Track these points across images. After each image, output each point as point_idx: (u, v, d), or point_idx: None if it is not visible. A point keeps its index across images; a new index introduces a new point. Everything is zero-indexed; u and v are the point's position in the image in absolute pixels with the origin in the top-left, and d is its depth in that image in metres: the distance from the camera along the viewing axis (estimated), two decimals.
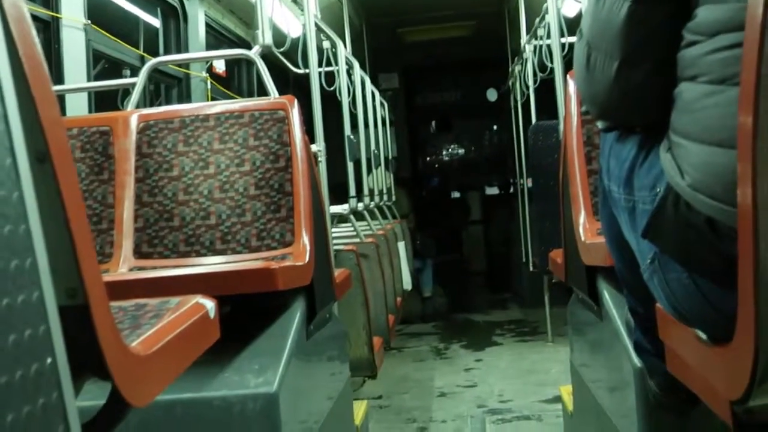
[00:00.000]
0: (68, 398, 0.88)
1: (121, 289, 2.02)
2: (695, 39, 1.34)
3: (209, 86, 5.63)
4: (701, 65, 1.32)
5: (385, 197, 7.55)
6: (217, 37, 6.19)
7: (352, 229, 5.07)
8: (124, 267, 2.69)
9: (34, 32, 0.96)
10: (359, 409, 3.45)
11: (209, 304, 1.48)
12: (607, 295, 2.37)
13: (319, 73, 4.00)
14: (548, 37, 5.30)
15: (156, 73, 4.55)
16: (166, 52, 5.34)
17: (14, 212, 0.84)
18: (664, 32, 1.41)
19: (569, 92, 2.91)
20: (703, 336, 1.37)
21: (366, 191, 6.00)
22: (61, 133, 0.99)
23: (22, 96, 0.89)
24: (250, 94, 6.83)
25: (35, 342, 0.83)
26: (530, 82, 6.57)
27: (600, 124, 1.70)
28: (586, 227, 2.54)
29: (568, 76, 3.01)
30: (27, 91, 0.91)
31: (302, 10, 4.13)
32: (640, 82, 1.46)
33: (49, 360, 0.85)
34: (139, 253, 2.76)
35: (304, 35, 4.02)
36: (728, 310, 1.18)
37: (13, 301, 0.80)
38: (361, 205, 5.56)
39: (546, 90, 6.08)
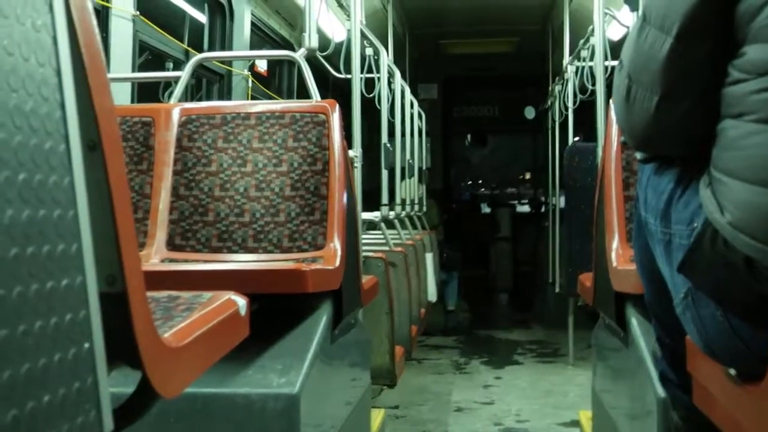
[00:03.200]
0: (102, 384, 0.89)
1: (154, 280, 2.03)
2: (742, 77, 1.33)
3: (250, 84, 5.66)
4: (748, 103, 1.31)
5: (416, 207, 7.55)
6: (260, 36, 6.23)
7: (382, 236, 5.07)
8: (156, 258, 2.72)
9: (94, 21, 0.98)
10: (376, 417, 3.45)
11: (241, 302, 1.49)
12: (635, 322, 2.36)
13: (360, 79, 4.01)
14: (591, 59, 5.29)
15: (199, 68, 4.59)
16: (210, 48, 5.38)
17: (64, 198, 0.85)
18: (705, 69, 1.40)
19: (611, 116, 2.90)
20: (733, 372, 1.36)
21: (398, 200, 6.01)
22: (112, 123, 1.01)
23: (79, 85, 0.91)
24: (290, 95, 6.86)
25: (75, 326, 0.85)
26: (570, 103, 6.55)
27: (638, 155, 1.70)
28: (618, 253, 2.53)
29: (610, 100, 3.00)
30: (84, 80, 0.93)
31: (348, 16, 4.15)
32: (680, 117, 1.45)
33: (86, 345, 0.86)
34: (172, 245, 2.78)
35: (349, 41, 4.03)
36: (761, 349, 1.18)
37: (57, 285, 0.82)
38: (392, 214, 5.56)
39: (584, 112, 6.06)
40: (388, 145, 5.05)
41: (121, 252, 0.98)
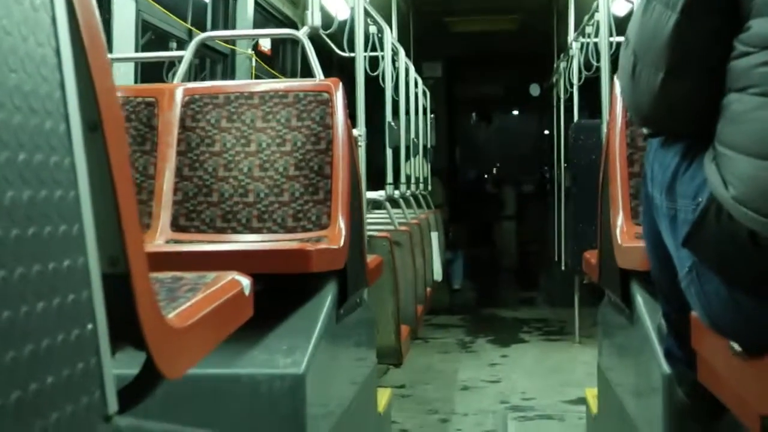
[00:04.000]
0: (106, 365, 0.89)
1: (158, 261, 2.03)
2: (747, 50, 1.33)
3: (254, 63, 5.65)
4: (753, 77, 1.31)
5: (421, 186, 7.54)
6: (263, 15, 6.21)
7: (386, 215, 5.07)
8: (160, 239, 2.72)
9: (94, 1, 0.97)
10: (383, 396, 3.45)
11: (245, 282, 1.49)
12: (640, 299, 2.35)
13: (364, 57, 3.99)
14: (596, 35, 5.26)
15: (202, 48, 4.57)
16: (214, 27, 5.37)
17: (65, 178, 0.85)
18: (710, 44, 1.39)
19: (615, 93, 2.88)
20: (737, 347, 1.36)
21: (403, 179, 6.00)
22: (113, 103, 1.00)
23: (79, 65, 0.90)
24: (294, 74, 6.85)
25: (78, 307, 0.84)
26: (575, 80, 6.53)
27: (645, 130, 1.69)
28: (623, 230, 2.52)
29: (615, 76, 2.98)
30: (84, 60, 0.92)
31: None
32: (685, 93, 1.45)
33: (89, 326, 0.86)
34: (176, 226, 2.78)
35: (352, 19, 4.02)
36: (764, 323, 1.17)
37: (59, 266, 0.82)
38: (397, 193, 5.56)
39: (590, 88, 6.04)
40: (393, 123, 5.03)
41: (123, 233, 0.98)
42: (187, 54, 3.31)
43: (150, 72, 4.35)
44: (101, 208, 0.94)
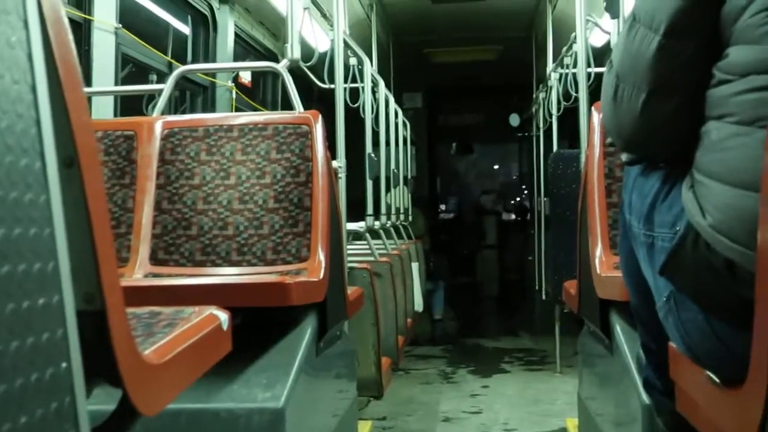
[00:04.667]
0: (80, 403, 0.88)
1: (136, 295, 2.03)
2: (725, 78, 1.34)
3: (234, 96, 5.66)
4: (731, 105, 1.32)
5: (402, 217, 7.55)
6: (243, 47, 6.23)
7: (367, 246, 5.07)
8: (139, 272, 2.70)
9: (70, 36, 0.97)
10: (363, 429, 3.44)
11: (222, 316, 1.49)
12: (619, 329, 2.36)
13: (344, 89, 4.01)
14: (574, 66, 5.31)
15: (182, 80, 4.58)
16: (194, 59, 5.37)
17: (40, 216, 0.84)
18: (692, 68, 1.41)
19: (593, 123, 2.91)
20: (715, 378, 1.36)
21: (383, 210, 6.00)
22: (89, 139, 1.00)
23: (54, 100, 0.90)
24: (274, 105, 6.85)
25: (52, 346, 0.84)
26: (554, 110, 6.57)
27: (624, 157, 1.70)
28: (602, 260, 2.53)
29: (593, 107, 3.01)
30: (60, 96, 0.92)
31: (331, 26, 4.15)
32: (666, 115, 1.46)
33: (64, 364, 0.86)
34: (155, 260, 2.77)
35: (332, 51, 4.03)
36: (742, 352, 1.18)
37: (34, 304, 0.81)
38: (377, 224, 5.56)
39: (568, 119, 6.08)
40: (373, 155, 5.04)
41: (99, 269, 0.97)
42: (167, 87, 3.31)
43: (130, 105, 4.35)
44: (77, 244, 0.94)
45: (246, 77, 6.24)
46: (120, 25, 3.93)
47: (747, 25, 1.30)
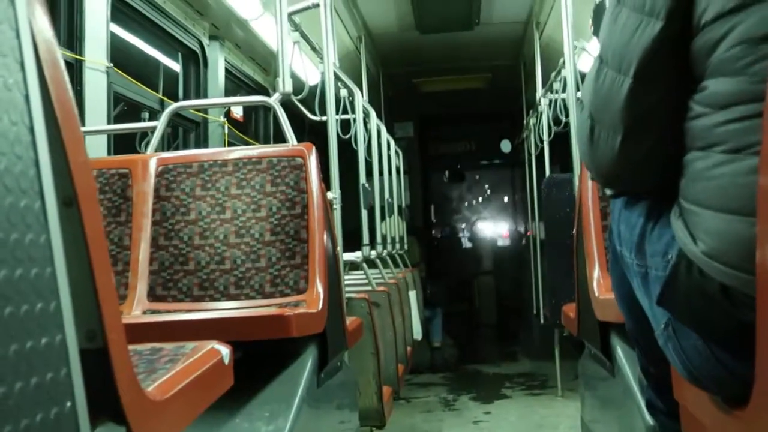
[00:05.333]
0: None
1: (136, 332, 2.02)
2: (705, 111, 1.34)
3: (226, 130, 5.68)
4: (716, 135, 1.32)
5: (398, 245, 7.55)
6: (234, 82, 6.26)
7: (364, 276, 5.06)
8: (138, 309, 2.70)
9: (66, 77, 0.98)
10: None
11: (224, 351, 1.48)
12: (620, 351, 2.36)
13: (336, 120, 4.03)
14: (564, 91, 5.34)
15: (175, 117, 4.59)
16: (186, 95, 5.40)
17: (41, 255, 0.85)
18: (666, 106, 1.41)
19: None
20: (720, 400, 1.36)
21: (379, 239, 6.01)
22: (88, 178, 1.01)
23: (52, 141, 0.91)
24: (267, 139, 6.88)
25: (56, 385, 0.84)
26: (545, 135, 6.60)
27: (607, 191, 1.71)
28: (600, 282, 2.54)
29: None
30: (58, 136, 0.93)
31: (321, 59, 4.18)
32: (645, 153, 1.47)
33: (68, 403, 0.86)
34: (153, 296, 2.77)
35: (323, 83, 4.05)
36: (745, 374, 1.18)
37: (37, 344, 0.81)
38: (373, 253, 5.56)
39: (560, 143, 6.11)
40: (366, 185, 5.06)
41: (100, 307, 0.98)
42: (160, 124, 3.32)
43: (123, 143, 4.36)
44: (78, 283, 0.94)
45: (238, 112, 6.26)
46: (111, 64, 3.95)
47: (724, 59, 1.31)
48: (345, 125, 5.48)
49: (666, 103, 1.41)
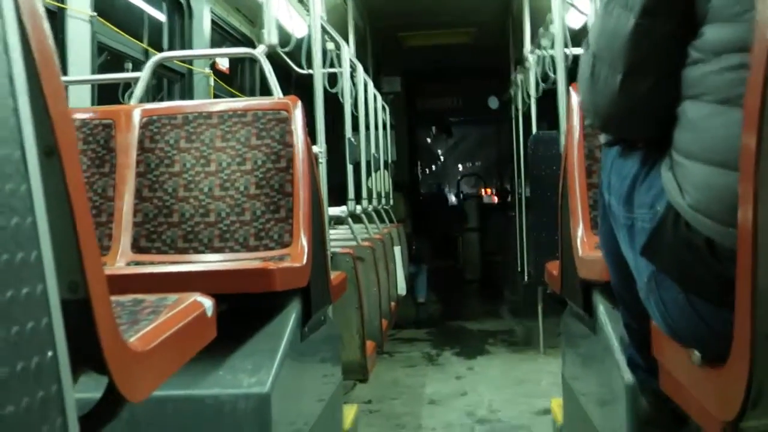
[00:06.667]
0: (67, 392, 0.88)
1: (119, 284, 2.02)
2: (701, 57, 1.34)
3: (212, 83, 5.63)
4: (706, 84, 1.32)
5: (383, 201, 7.55)
6: (221, 34, 6.20)
7: (349, 231, 5.07)
8: (121, 261, 2.70)
9: (47, 26, 0.97)
10: (349, 413, 3.45)
11: (207, 303, 1.48)
12: (602, 309, 2.38)
13: (323, 74, 4.00)
14: (552, 47, 5.32)
15: (159, 68, 4.55)
16: (170, 47, 5.34)
17: (21, 205, 0.84)
18: (668, 47, 1.41)
19: (572, 104, 2.91)
20: (698, 356, 1.37)
21: (365, 194, 6.01)
22: (68, 128, 1.00)
23: (33, 90, 0.90)
24: (253, 92, 6.83)
25: (37, 335, 0.84)
26: (532, 92, 6.58)
27: (603, 138, 1.71)
28: (583, 241, 2.55)
29: (571, 87, 3.02)
30: (38, 86, 0.92)
31: (308, 11, 4.14)
32: (644, 95, 1.46)
33: (49, 353, 0.86)
34: (137, 248, 2.76)
35: (309, 36, 4.02)
36: (724, 330, 1.19)
37: (18, 294, 0.81)
38: (359, 208, 5.56)
39: (548, 100, 6.10)
40: (353, 139, 5.04)
41: (82, 258, 0.97)
42: (144, 75, 3.29)
43: (107, 94, 4.32)
44: (59, 233, 0.93)
45: (224, 64, 6.21)
46: (95, 14, 3.90)
47: (722, 4, 1.31)
48: (332, 79, 5.45)
49: (668, 45, 1.41)
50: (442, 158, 14.56)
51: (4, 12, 0.86)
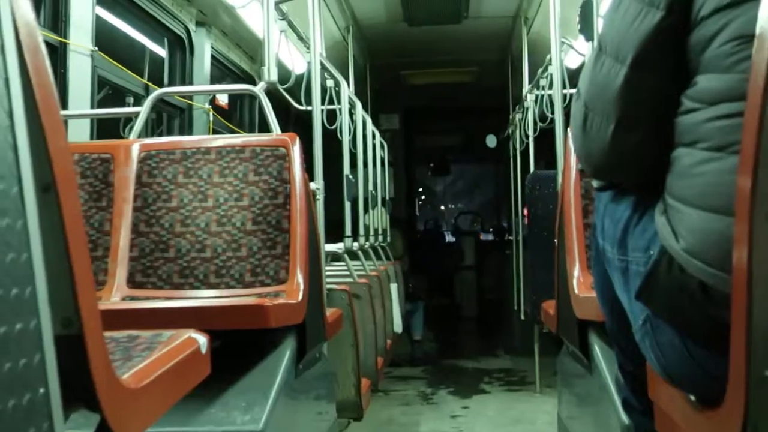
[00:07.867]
0: (58, 429, 0.87)
1: (114, 319, 2.01)
2: (694, 106, 1.35)
3: (211, 118, 5.65)
4: (701, 132, 1.33)
5: (381, 238, 7.55)
6: (220, 69, 6.23)
7: (345, 268, 5.06)
8: (116, 296, 2.69)
9: (47, 62, 0.97)
10: None
11: (201, 339, 1.48)
12: (598, 349, 2.37)
13: (321, 110, 4.01)
14: (550, 87, 5.35)
15: (159, 103, 4.57)
16: (171, 82, 5.37)
17: (17, 241, 0.84)
18: (659, 97, 1.43)
19: (569, 144, 2.93)
20: (693, 398, 1.37)
21: (362, 231, 6.00)
22: (67, 163, 1.00)
23: (32, 126, 0.90)
24: (251, 127, 6.86)
25: (30, 371, 0.83)
26: (530, 131, 6.61)
27: (595, 183, 1.72)
28: (580, 280, 2.55)
29: (568, 128, 3.03)
30: (37, 121, 0.92)
31: (308, 48, 4.17)
32: (635, 144, 1.48)
33: (41, 390, 0.85)
34: (132, 283, 2.76)
35: (309, 73, 4.04)
36: (719, 374, 1.18)
37: (11, 330, 0.81)
38: (356, 245, 5.56)
39: (545, 139, 6.12)
40: (350, 176, 5.05)
41: (77, 294, 0.97)
42: (144, 109, 3.30)
43: (106, 128, 4.34)
44: (54, 269, 0.93)
45: (223, 99, 6.24)
46: (96, 48, 3.92)
47: (716, 54, 1.32)
48: (330, 116, 5.47)
49: (660, 94, 1.42)
50: (439, 196, 14.60)
51: (5, 47, 0.87)
